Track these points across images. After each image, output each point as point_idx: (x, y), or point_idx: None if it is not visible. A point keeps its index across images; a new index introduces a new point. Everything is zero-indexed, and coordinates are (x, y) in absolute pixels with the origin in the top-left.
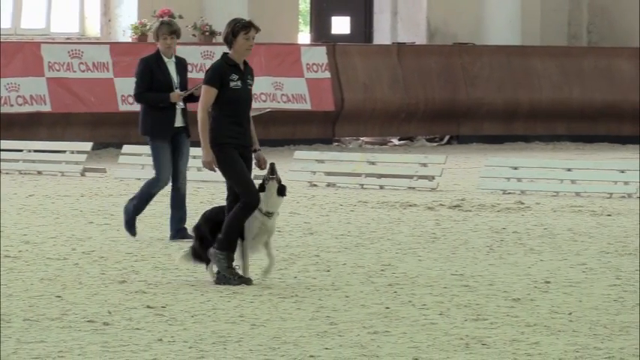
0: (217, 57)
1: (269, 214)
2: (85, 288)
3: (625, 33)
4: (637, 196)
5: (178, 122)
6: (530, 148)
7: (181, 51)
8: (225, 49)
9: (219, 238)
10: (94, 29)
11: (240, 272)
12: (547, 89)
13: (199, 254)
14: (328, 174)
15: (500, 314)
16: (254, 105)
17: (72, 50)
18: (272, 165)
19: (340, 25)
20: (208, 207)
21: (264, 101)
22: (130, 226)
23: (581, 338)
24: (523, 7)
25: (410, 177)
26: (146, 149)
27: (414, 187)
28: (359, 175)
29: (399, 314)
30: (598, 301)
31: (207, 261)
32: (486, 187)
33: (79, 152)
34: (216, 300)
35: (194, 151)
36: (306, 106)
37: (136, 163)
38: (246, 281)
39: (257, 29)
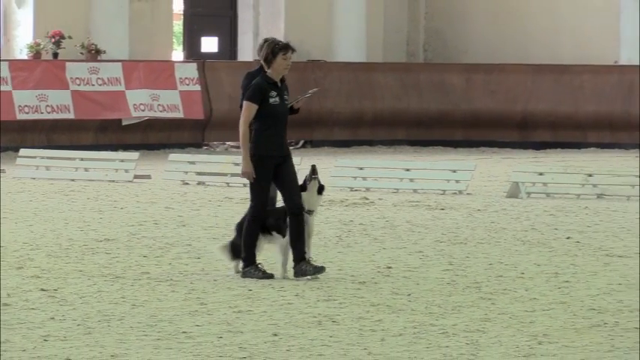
0: (102, 72)
1: (310, 212)
2: None
3: (456, 51)
4: (467, 192)
5: None
6: (374, 151)
7: (70, 67)
8: (107, 65)
9: (243, 257)
10: None
11: (281, 269)
12: (388, 100)
13: (237, 250)
14: (199, 174)
15: (348, 295)
16: (133, 114)
17: None
18: (313, 167)
19: (209, 44)
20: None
21: (143, 110)
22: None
23: (419, 316)
24: (368, 29)
25: None
26: (40, 152)
27: None
28: (225, 174)
29: (260, 295)
30: (433, 283)
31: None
32: (336, 185)
33: None
34: (102, 284)
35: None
36: (179, 114)
37: (31, 164)
38: (269, 276)
39: (293, 50)
